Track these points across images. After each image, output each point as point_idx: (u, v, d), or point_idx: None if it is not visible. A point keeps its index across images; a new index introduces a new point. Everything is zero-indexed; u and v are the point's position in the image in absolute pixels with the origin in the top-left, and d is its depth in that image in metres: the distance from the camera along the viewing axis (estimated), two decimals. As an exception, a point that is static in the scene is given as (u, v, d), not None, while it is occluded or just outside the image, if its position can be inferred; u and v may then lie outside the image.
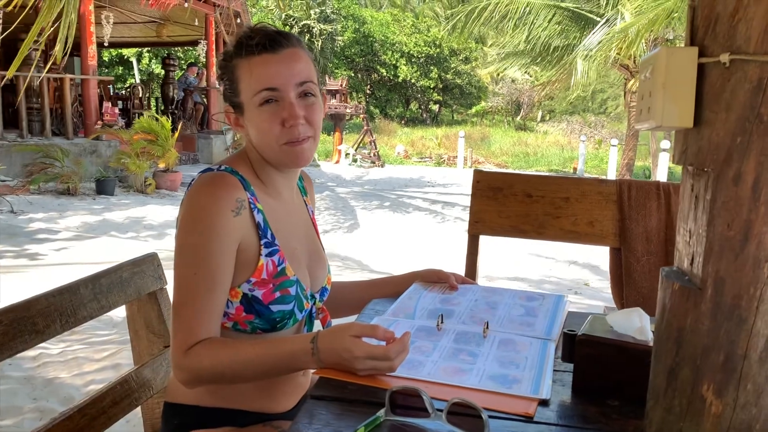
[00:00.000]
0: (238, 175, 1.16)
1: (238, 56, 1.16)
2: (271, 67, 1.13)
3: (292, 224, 1.26)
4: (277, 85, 1.13)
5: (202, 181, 1.14)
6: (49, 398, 2.68)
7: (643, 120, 0.83)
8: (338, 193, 11.48)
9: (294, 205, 1.30)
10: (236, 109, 1.20)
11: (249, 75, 1.15)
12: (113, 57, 23.66)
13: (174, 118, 12.34)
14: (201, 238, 1.09)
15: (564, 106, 27.33)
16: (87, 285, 1.28)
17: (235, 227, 1.11)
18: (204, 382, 1.10)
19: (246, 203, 1.14)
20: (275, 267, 1.16)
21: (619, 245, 2.02)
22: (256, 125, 1.16)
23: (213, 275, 1.08)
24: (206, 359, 1.05)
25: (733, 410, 0.75)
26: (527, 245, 6.53)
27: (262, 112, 1.15)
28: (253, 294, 1.14)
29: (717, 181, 0.75)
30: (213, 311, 1.09)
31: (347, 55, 26.17)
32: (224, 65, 1.19)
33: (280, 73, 1.14)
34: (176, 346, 1.07)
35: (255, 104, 1.15)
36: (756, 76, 0.71)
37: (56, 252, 5.53)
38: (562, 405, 0.96)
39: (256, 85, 1.14)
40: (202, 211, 1.10)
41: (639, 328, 0.99)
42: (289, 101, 1.14)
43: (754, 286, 0.73)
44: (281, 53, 1.14)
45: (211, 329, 1.09)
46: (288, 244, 1.21)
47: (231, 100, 1.20)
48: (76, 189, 8.65)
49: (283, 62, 1.14)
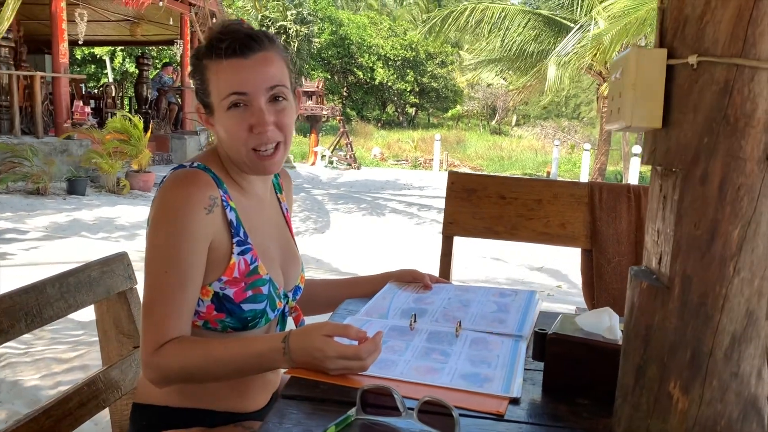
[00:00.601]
0: (211, 173, 1.15)
1: (209, 58, 1.14)
2: (241, 73, 1.11)
3: (265, 222, 1.25)
4: (246, 90, 1.11)
5: (174, 178, 1.12)
6: (14, 401, 2.62)
7: (614, 120, 0.84)
8: (314, 195, 11.44)
9: (267, 203, 1.29)
10: (206, 108, 1.18)
11: (218, 78, 1.13)
12: (86, 55, 23.30)
13: (147, 118, 12.19)
14: (172, 236, 1.07)
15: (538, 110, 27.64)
16: (54, 284, 1.25)
17: (207, 225, 1.10)
18: (174, 381, 1.09)
19: (219, 201, 1.13)
20: (247, 265, 1.15)
21: (590, 247, 2.04)
22: (224, 128, 1.15)
23: (184, 273, 1.07)
24: (176, 358, 1.04)
25: (699, 407, 0.76)
26: (502, 248, 6.58)
27: (229, 116, 1.13)
28: (224, 293, 1.13)
29: (684, 181, 0.76)
30: (183, 310, 1.08)
31: (324, 57, 26.11)
32: (196, 64, 1.18)
33: (250, 79, 1.11)
34: (146, 344, 1.06)
35: (223, 107, 1.13)
36: (723, 78, 0.72)
37: (25, 252, 5.42)
38: (533, 403, 0.96)
39: (224, 89, 1.12)
40: (174, 208, 1.08)
41: (608, 327, 1.00)
42: (258, 107, 1.12)
43: (720, 284, 0.74)
44: (252, 58, 1.12)
45: (181, 328, 1.07)
46: (261, 242, 1.20)
47: (202, 99, 1.18)
48: (46, 189, 8.48)
49: (253, 67, 1.12)
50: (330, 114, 18.09)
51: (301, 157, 18.17)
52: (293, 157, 17.82)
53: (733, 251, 0.73)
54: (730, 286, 0.74)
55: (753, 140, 0.72)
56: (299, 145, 19.51)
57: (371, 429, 0.87)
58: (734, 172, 0.73)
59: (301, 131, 21.59)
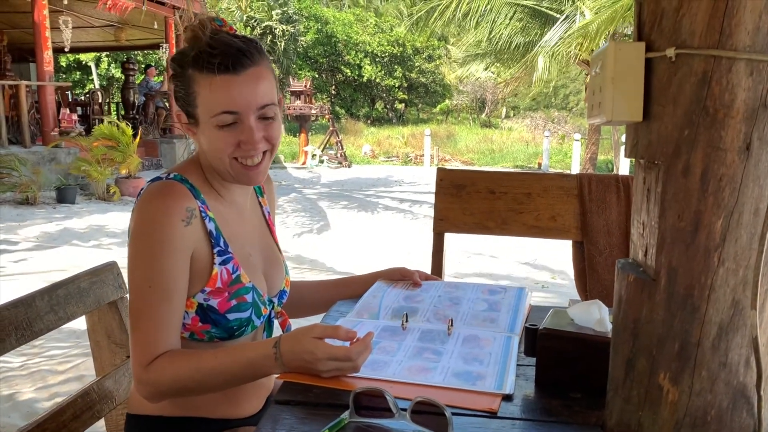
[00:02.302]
0: (188, 183, 1.13)
1: (198, 69, 1.09)
2: (233, 90, 1.08)
3: (246, 230, 1.24)
4: (238, 109, 1.09)
5: (150, 191, 1.11)
6: (10, 414, 2.61)
7: (595, 115, 0.85)
8: (305, 194, 11.42)
9: (248, 210, 1.28)
10: (190, 117, 1.14)
11: (208, 93, 1.09)
12: (71, 62, 23.15)
13: (135, 124, 12.13)
14: (153, 250, 1.06)
15: (527, 102, 27.68)
16: (43, 297, 1.25)
17: (186, 237, 1.09)
18: (167, 395, 1.08)
19: (197, 212, 1.11)
20: (230, 275, 1.14)
21: (581, 239, 2.05)
22: (210, 142, 1.12)
23: (168, 287, 1.06)
24: (168, 373, 1.03)
25: (689, 397, 0.77)
26: (495, 243, 6.59)
27: (219, 133, 1.10)
28: (208, 303, 1.12)
29: (667, 174, 0.76)
30: (171, 323, 1.07)
31: (311, 55, 26.04)
32: (179, 71, 1.13)
33: (242, 97, 1.08)
34: (136, 361, 1.05)
35: (212, 124, 1.10)
36: (701, 70, 0.73)
37: (15, 264, 5.39)
38: (526, 399, 0.97)
39: (216, 107, 1.08)
40: (152, 222, 1.07)
41: (598, 320, 1.00)
42: (249, 125, 1.10)
43: (705, 275, 0.75)
44: (243, 74, 1.08)
45: (170, 341, 1.07)
46: (242, 250, 1.19)
47: (185, 108, 1.14)
48: (35, 198, 8.43)
49: (245, 85, 1.08)
50: (319, 113, 18.05)
51: (291, 157, 18.14)
52: (283, 158, 17.78)
53: (717, 242, 0.74)
54: (715, 277, 0.74)
55: (732, 130, 0.72)
56: (289, 145, 19.46)
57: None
58: (715, 163, 0.73)
59: (291, 131, 21.54)
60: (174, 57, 1.15)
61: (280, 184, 12.67)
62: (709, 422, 0.76)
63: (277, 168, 15.93)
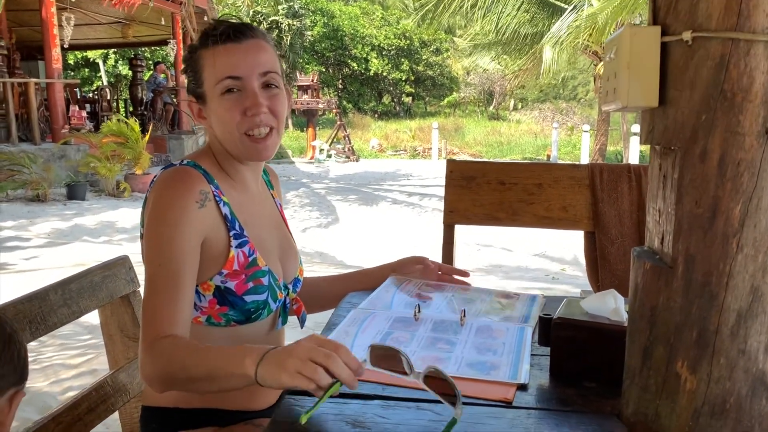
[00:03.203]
0: (201, 169, 1.15)
1: (203, 47, 1.16)
2: (235, 56, 1.13)
3: (260, 215, 1.25)
4: (240, 74, 1.13)
5: (164, 176, 1.13)
6: (25, 408, 2.63)
7: (610, 101, 0.84)
8: (314, 189, 11.43)
9: (261, 197, 1.29)
10: (199, 100, 1.19)
11: (212, 64, 1.14)
12: (78, 60, 23.24)
13: (144, 120, 12.17)
14: (165, 232, 1.08)
15: (536, 94, 27.54)
16: (56, 291, 1.25)
17: (200, 219, 1.10)
18: (164, 381, 1.02)
19: (210, 195, 1.13)
20: (246, 258, 1.15)
21: (593, 229, 2.03)
22: (217, 115, 1.15)
23: (177, 269, 1.06)
24: (165, 355, 1.00)
25: (707, 385, 0.76)
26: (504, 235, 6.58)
27: (223, 101, 1.14)
28: (225, 286, 1.13)
29: (684, 159, 0.75)
30: (178, 305, 1.06)
31: (317, 50, 26.01)
32: (189, 57, 1.20)
33: (244, 62, 1.13)
34: (141, 339, 1.04)
35: (217, 93, 1.14)
36: (718, 53, 0.72)
37: (27, 260, 5.42)
38: (541, 389, 0.96)
39: (219, 74, 1.13)
40: (167, 205, 1.09)
41: (613, 310, 1.00)
42: (252, 90, 1.14)
43: (724, 261, 0.74)
44: (245, 43, 1.14)
45: (177, 324, 1.05)
46: (257, 235, 1.20)
47: (194, 91, 1.19)
48: (46, 195, 8.48)
49: (247, 52, 1.14)
50: (326, 107, 18.05)
51: (300, 152, 18.14)
52: (291, 153, 17.80)
53: (736, 228, 0.73)
54: (733, 263, 0.73)
55: (751, 114, 0.71)
56: (297, 140, 19.47)
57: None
58: (733, 147, 0.72)
59: (298, 126, 21.55)
60: (186, 51, 1.23)
61: (289, 179, 12.69)
62: (728, 410, 0.76)
63: (285, 163, 15.95)
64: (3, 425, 0.84)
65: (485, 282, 4.94)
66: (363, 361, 0.89)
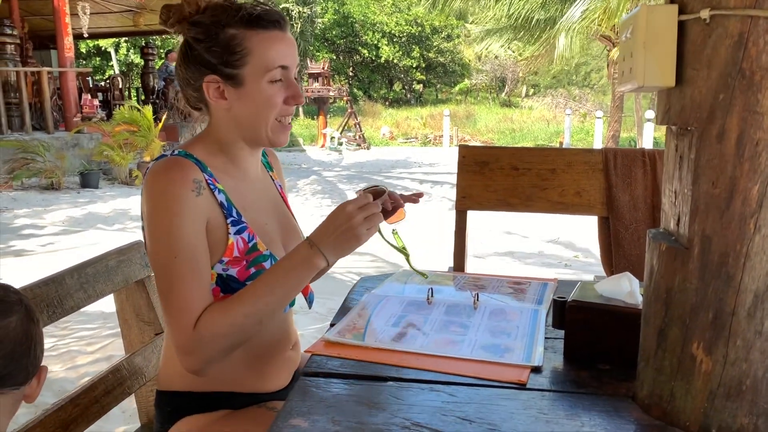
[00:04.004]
0: (193, 158, 1.13)
1: (248, 27, 1.11)
2: (286, 46, 1.14)
3: (260, 200, 1.24)
4: (289, 64, 1.15)
5: (155, 168, 1.11)
6: (43, 393, 2.67)
7: (626, 81, 0.83)
8: (325, 177, 11.44)
9: (260, 181, 1.28)
10: (229, 79, 1.13)
11: (265, 49, 1.11)
12: (90, 48, 23.31)
13: (156, 108, 12.20)
14: (170, 222, 1.06)
15: (548, 80, 27.31)
16: (72, 275, 1.26)
17: (199, 206, 1.09)
18: (222, 350, 1.04)
19: (204, 183, 1.12)
20: (246, 244, 1.14)
21: (606, 214, 2.02)
22: (258, 100, 1.13)
23: (193, 255, 1.06)
24: (219, 321, 1.02)
25: (723, 367, 0.76)
26: (515, 221, 6.55)
27: (270, 88, 1.13)
28: (227, 273, 1.12)
29: (701, 140, 0.74)
30: (203, 288, 1.07)
31: (328, 37, 25.93)
32: (214, 32, 1.11)
33: (291, 53, 1.15)
34: (180, 330, 1.03)
35: (264, 79, 1.12)
36: (737, 31, 0.71)
37: (42, 247, 5.48)
38: (555, 371, 0.96)
39: (272, 62, 1.12)
40: (164, 195, 1.07)
41: (629, 292, 0.99)
42: (293, 81, 1.16)
43: (741, 242, 0.73)
44: (288, 33, 1.16)
45: (207, 300, 1.06)
46: (257, 220, 1.19)
47: (222, 70, 1.12)
48: (59, 183, 8.56)
49: (291, 43, 1.16)
50: (337, 95, 18.01)
51: (311, 140, 18.14)
52: (302, 140, 17.80)
53: (753, 208, 0.72)
54: (751, 244, 0.73)
55: (770, 93, 0.70)
56: (308, 128, 19.46)
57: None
58: (752, 127, 0.71)
59: (309, 114, 21.52)
60: (199, 22, 1.13)
61: (300, 166, 12.70)
62: (744, 392, 0.75)
63: (297, 151, 15.96)
64: (31, 397, 0.96)
65: (498, 268, 4.93)
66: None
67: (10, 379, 0.90)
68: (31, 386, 0.94)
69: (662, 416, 0.81)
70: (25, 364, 0.92)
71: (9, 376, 0.90)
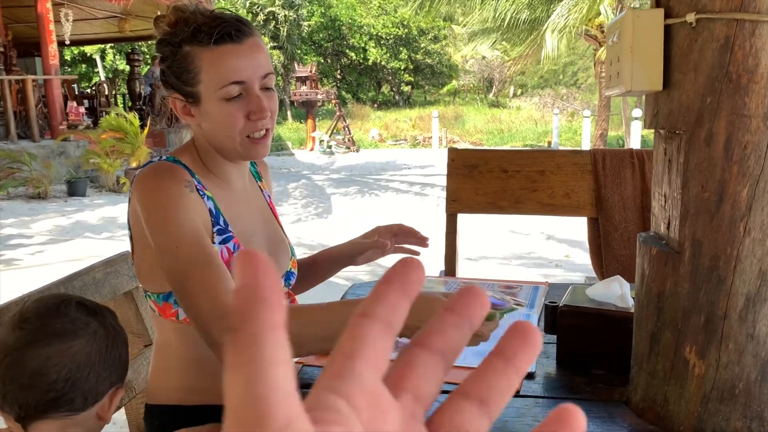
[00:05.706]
0: (181, 164, 1.12)
1: (198, 44, 1.07)
2: (239, 60, 1.07)
3: (247, 212, 1.22)
4: (245, 78, 1.08)
5: (145, 172, 1.09)
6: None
7: (613, 86, 0.83)
8: (314, 180, 11.41)
9: (247, 193, 1.26)
10: (188, 98, 1.12)
11: (213, 67, 1.07)
12: (75, 55, 23.16)
13: (143, 114, 12.13)
14: (167, 214, 1.04)
15: (535, 80, 27.43)
16: (59, 288, 1.24)
17: (193, 201, 1.07)
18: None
19: (194, 187, 1.10)
20: (230, 254, 1.12)
21: (596, 215, 2.03)
22: (217, 119, 1.10)
23: (197, 238, 1.03)
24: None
25: (716, 370, 0.75)
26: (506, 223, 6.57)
27: (226, 106, 1.09)
28: None
29: (689, 143, 0.74)
30: (217, 268, 1.02)
31: (315, 40, 25.91)
32: (172, 52, 1.10)
33: (247, 66, 1.08)
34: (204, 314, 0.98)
35: (218, 98, 1.08)
36: (723, 35, 0.71)
37: (30, 257, 5.43)
38: (548, 377, 0.96)
39: (223, 79, 1.07)
40: (157, 192, 1.05)
41: (620, 296, 0.99)
42: (255, 95, 1.09)
43: (731, 245, 0.73)
44: (245, 43, 1.08)
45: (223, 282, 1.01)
46: (243, 231, 1.17)
47: (182, 88, 1.11)
48: (46, 192, 8.48)
49: (248, 54, 1.08)
50: (325, 98, 17.98)
51: (299, 144, 18.10)
52: (291, 144, 17.76)
53: (743, 211, 0.72)
54: (741, 248, 0.73)
55: (757, 96, 0.70)
56: (296, 132, 19.42)
57: None
58: (740, 130, 0.71)
59: (297, 117, 21.48)
60: (162, 40, 1.11)
61: (289, 170, 12.67)
62: (737, 395, 0.75)
63: (285, 155, 15.92)
64: (103, 419, 0.90)
65: (489, 267, 4.94)
66: None
67: (65, 404, 0.85)
68: (103, 407, 0.90)
69: (656, 421, 0.81)
70: (84, 390, 0.86)
71: (64, 401, 0.85)
